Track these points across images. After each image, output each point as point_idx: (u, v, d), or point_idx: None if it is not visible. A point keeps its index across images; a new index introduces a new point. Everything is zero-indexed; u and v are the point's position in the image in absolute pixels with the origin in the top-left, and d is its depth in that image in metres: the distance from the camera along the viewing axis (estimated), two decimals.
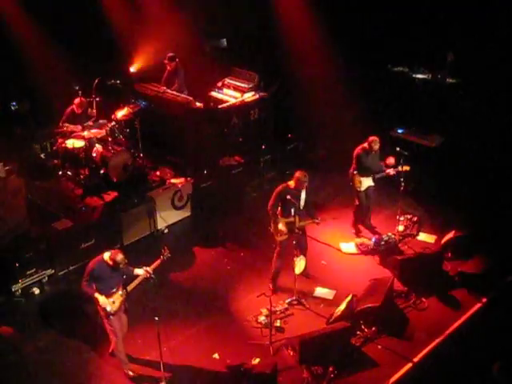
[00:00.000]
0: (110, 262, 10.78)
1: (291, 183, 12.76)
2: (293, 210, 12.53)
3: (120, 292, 11.02)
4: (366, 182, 14.60)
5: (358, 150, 14.49)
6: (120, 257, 10.77)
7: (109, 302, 10.84)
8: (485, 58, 17.80)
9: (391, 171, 14.46)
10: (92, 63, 18.11)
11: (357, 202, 14.99)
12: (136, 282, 11.10)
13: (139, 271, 11.10)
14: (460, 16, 17.82)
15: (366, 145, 14.38)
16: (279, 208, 12.87)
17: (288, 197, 12.55)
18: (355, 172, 14.50)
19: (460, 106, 18.20)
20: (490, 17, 17.50)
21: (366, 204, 14.95)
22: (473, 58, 18.17)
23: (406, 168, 14.32)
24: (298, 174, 12.71)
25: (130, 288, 11.11)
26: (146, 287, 11.41)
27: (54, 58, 17.90)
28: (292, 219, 12.67)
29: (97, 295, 10.80)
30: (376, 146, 14.28)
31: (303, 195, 12.80)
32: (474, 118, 17.69)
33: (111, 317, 10.99)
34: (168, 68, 17.85)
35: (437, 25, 18.26)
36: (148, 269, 11.09)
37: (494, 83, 17.65)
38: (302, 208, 12.85)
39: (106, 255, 10.86)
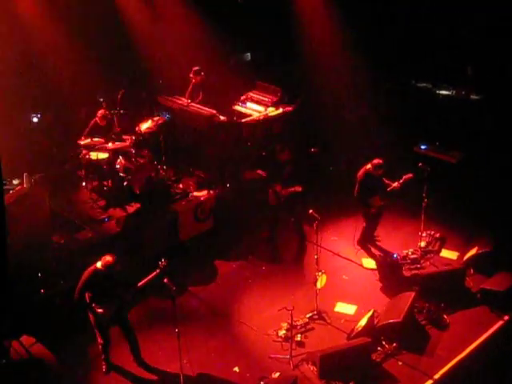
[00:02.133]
0: (102, 268, 10.98)
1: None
2: None
3: (112, 302, 11.18)
4: (376, 203, 14.54)
5: (361, 172, 14.44)
6: (110, 259, 11.01)
7: (99, 311, 11.09)
8: (508, 74, 17.78)
9: (396, 184, 14.40)
10: (117, 75, 18.25)
11: (364, 224, 15.00)
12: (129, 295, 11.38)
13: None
14: (483, 32, 17.78)
15: (369, 166, 14.34)
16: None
17: None
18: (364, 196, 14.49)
19: (483, 122, 18.12)
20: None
21: (374, 224, 15.01)
22: (496, 74, 18.14)
23: (409, 176, 14.27)
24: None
25: (124, 298, 11.32)
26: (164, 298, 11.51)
27: (77, 70, 18.05)
28: None
29: (90, 305, 11.14)
30: (380, 171, 14.24)
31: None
32: (496, 134, 17.63)
33: (101, 325, 11.31)
34: (193, 81, 17.92)
35: (460, 40, 18.24)
36: (142, 282, 11.29)
37: None
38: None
39: (99, 263, 11.07)
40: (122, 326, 11.60)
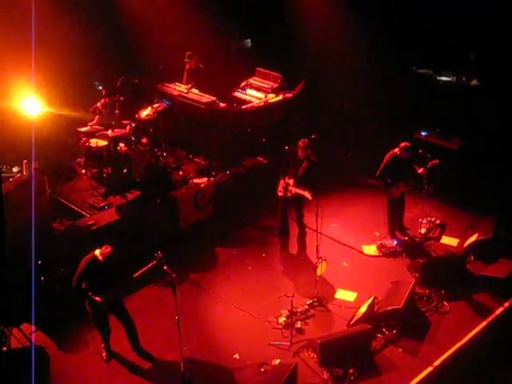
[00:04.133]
0: (101, 258, 10.97)
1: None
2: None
3: (109, 291, 11.14)
4: (401, 188, 14.50)
5: (388, 155, 14.35)
6: (109, 250, 10.99)
7: (96, 300, 11.02)
8: (509, 60, 17.73)
9: (422, 170, 14.30)
10: (115, 61, 18.22)
11: (388, 210, 14.91)
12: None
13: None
14: (485, 17, 17.70)
15: (396, 150, 14.26)
16: None
17: None
18: (389, 181, 14.40)
19: (483, 108, 18.07)
20: None
21: (398, 209, 14.91)
22: (497, 60, 18.08)
23: (435, 162, 14.26)
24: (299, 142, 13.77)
25: (120, 289, 11.36)
26: (165, 287, 11.52)
27: (76, 57, 18.00)
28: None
29: (87, 293, 11.07)
30: (406, 154, 14.14)
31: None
32: (497, 120, 17.59)
33: (98, 314, 11.29)
34: (187, 66, 17.91)
35: (461, 26, 18.16)
36: (138, 272, 11.20)
37: None
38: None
39: (97, 251, 11.05)
40: (119, 315, 11.58)
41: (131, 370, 11.60)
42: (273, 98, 17.96)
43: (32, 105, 14.60)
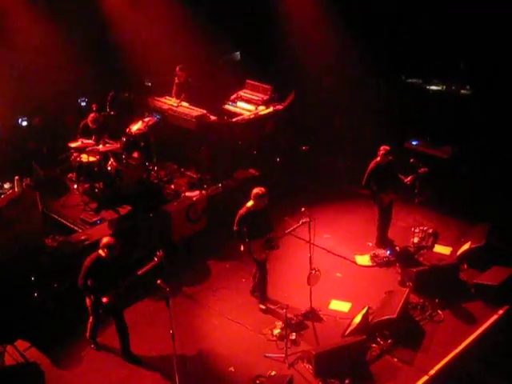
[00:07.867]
0: (103, 252, 11.12)
1: (250, 204, 12.69)
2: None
3: (115, 290, 11.23)
4: (389, 195, 14.50)
5: (371, 164, 14.37)
6: (109, 240, 11.18)
7: (104, 300, 11.16)
8: (498, 68, 17.80)
9: (409, 178, 14.34)
10: (103, 76, 18.23)
11: (378, 218, 14.92)
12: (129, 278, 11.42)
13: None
14: (474, 26, 17.79)
15: (378, 158, 14.30)
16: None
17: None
18: (375, 189, 14.38)
19: (474, 116, 18.14)
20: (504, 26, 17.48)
21: (387, 218, 14.92)
22: (486, 68, 18.16)
23: (424, 169, 14.29)
24: (255, 190, 12.63)
25: (122, 285, 11.36)
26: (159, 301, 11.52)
27: (63, 72, 18.01)
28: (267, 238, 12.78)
29: (95, 292, 11.23)
30: (388, 157, 14.17)
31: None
32: (488, 129, 17.65)
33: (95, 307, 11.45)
34: (177, 80, 17.93)
35: (451, 35, 18.24)
36: (141, 270, 11.36)
37: (507, 93, 17.66)
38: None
39: (100, 250, 11.18)
40: (116, 316, 11.67)
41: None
42: (263, 110, 17.99)
43: (23, 121, 14.63)
